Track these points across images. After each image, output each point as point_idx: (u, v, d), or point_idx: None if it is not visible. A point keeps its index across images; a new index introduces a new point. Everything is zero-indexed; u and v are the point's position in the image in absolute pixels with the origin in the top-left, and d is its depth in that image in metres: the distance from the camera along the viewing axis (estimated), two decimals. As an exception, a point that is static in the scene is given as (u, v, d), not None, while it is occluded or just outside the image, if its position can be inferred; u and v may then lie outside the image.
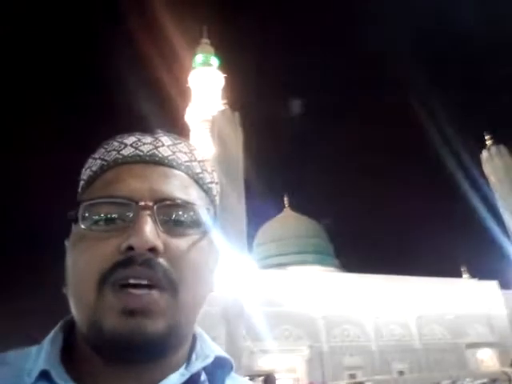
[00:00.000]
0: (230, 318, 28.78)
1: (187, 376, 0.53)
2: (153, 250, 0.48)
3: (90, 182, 0.56)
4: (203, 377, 0.55)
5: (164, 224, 0.51)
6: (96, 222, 0.51)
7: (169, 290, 0.49)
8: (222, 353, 0.58)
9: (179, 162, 0.56)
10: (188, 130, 48.27)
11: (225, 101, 45.08)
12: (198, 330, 0.60)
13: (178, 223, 0.52)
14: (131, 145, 0.56)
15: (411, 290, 41.26)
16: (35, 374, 0.49)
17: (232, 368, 0.59)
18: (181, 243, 0.51)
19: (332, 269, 47.65)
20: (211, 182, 0.60)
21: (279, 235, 49.33)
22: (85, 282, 0.49)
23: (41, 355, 0.51)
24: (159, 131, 0.59)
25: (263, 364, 31.47)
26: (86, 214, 0.51)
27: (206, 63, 51.08)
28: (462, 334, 40.07)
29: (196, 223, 0.53)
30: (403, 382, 27.06)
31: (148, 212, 0.50)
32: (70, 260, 0.52)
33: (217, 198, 0.61)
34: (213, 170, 0.62)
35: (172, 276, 0.49)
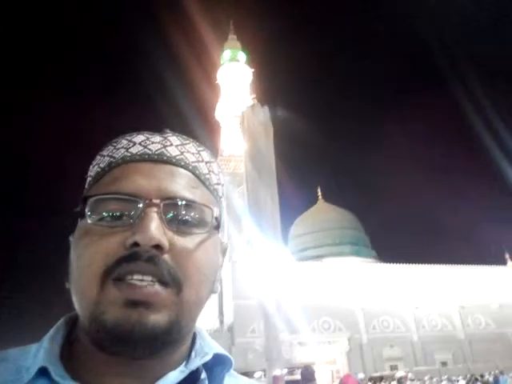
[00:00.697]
0: (268, 310, 28.96)
1: (186, 373, 0.53)
2: (158, 247, 0.48)
3: (98, 179, 0.56)
4: (203, 374, 0.55)
5: (170, 222, 0.51)
6: (102, 218, 0.51)
7: (172, 286, 0.49)
8: (221, 350, 0.58)
9: (187, 161, 0.57)
10: (219, 127, 48.70)
11: (253, 95, 45.16)
12: (198, 328, 0.60)
13: (183, 222, 0.52)
14: (140, 143, 0.56)
15: (453, 280, 40.20)
16: (34, 370, 0.49)
17: (231, 365, 0.58)
18: (186, 242, 0.51)
19: (369, 260, 47.07)
20: (217, 184, 0.60)
21: (314, 227, 49.14)
22: (88, 276, 0.49)
23: (40, 352, 0.51)
24: (168, 131, 0.60)
25: (302, 356, 31.57)
26: (93, 209, 0.51)
27: (234, 59, 51.21)
28: (509, 323, 38.71)
29: (202, 223, 0.53)
30: (446, 372, 26.51)
31: (154, 209, 0.50)
32: (75, 254, 0.52)
33: (222, 200, 0.61)
34: (219, 172, 0.62)
35: (176, 274, 0.49)
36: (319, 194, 54.98)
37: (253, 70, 50.95)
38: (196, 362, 0.54)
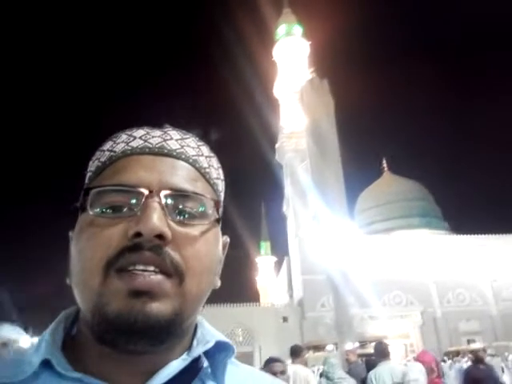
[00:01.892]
0: (337, 285, 29.05)
1: (188, 361, 0.53)
2: (160, 237, 0.48)
3: (98, 173, 0.56)
4: (205, 362, 0.55)
5: (172, 213, 0.51)
6: (104, 210, 0.51)
7: (175, 276, 0.49)
8: (222, 338, 0.58)
9: (187, 155, 0.57)
10: (278, 105, 48.47)
11: (312, 69, 44.27)
12: (199, 317, 0.60)
13: (185, 213, 0.52)
14: (140, 137, 0.57)
15: (535, 249, 37.69)
16: (36, 363, 0.49)
17: (233, 352, 0.58)
18: (188, 232, 0.51)
19: (441, 232, 45.22)
20: (217, 178, 0.61)
21: (381, 200, 47.92)
22: (91, 268, 0.49)
23: (42, 345, 0.51)
24: (167, 125, 0.60)
25: (374, 330, 31.41)
26: (95, 202, 0.51)
27: (290, 33, 50.29)
28: None
29: (203, 214, 0.53)
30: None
31: (156, 200, 0.50)
32: (76, 247, 0.52)
33: (222, 195, 0.62)
34: (219, 167, 0.62)
35: (179, 264, 0.49)
36: (385, 165, 53.39)
37: (310, 42, 49.83)
38: (198, 350, 0.54)
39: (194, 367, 0.53)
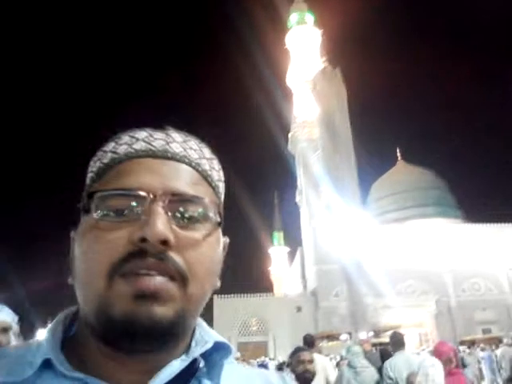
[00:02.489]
0: (351, 274, 29.09)
1: (187, 362, 0.53)
2: (164, 242, 0.49)
3: (101, 175, 0.56)
4: (202, 362, 0.56)
5: (175, 217, 0.51)
6: (108, 213, 0.51)
7: (178, 280, 0.50)
8: (220, 338, 0.58)
9: (190, 158, 0.57)
10: (291, 94, 48.21)
11: (324, 58, 43.83)
12: (198, 319, 0.60)
13: (188, 217, 0.52)
14: (143, 140, 0.57)
15: (552, 238, 37.13)
16: (37, 363, 0.50)
17: (231, 352, 0.59)
18: (191, 237, 0.52)
19: (456, 220, 44.76)
20: (219, 180, 0.61)
21: (395, 189, 47.58)
22: (95, 271, 0.49)
23: (42, 346, 0.52)
24: (169, 128, 0.60)
25: (388, 320, 31.41)
26: (98, 205, 0.52)
27: (301, 21, 49.80)
28: None
29: (205, 218, 0.54)
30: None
31: (160, 204, 0.50)
32: (80, 250, 0.53)
33: (222, 196, 0.62)
34: (220, 169, 0.62)
35: (182, 269, 0.50)
36: (398, 154, 52.91)
37: (321, 31, 49.29)
38: (197, 351, 0.55)
39: (191, 367, 0.54)
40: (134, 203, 0.51)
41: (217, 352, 0.57)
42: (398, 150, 53.33)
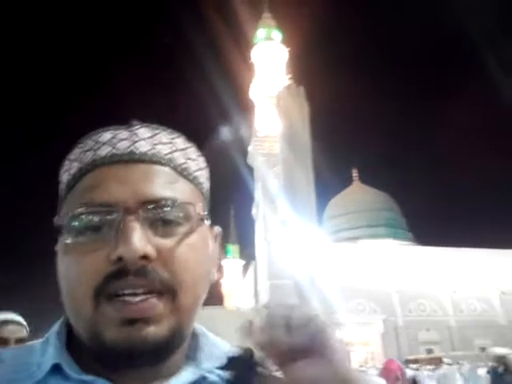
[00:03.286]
0: (303, 290, 29.19)
1: (198, 375, 0.52)
2: (145, 257, 0.46)
3: (70, 188, 0.52)
4: (215, 375, 0.54)
5: (152, 226, 0.48)
6: (80, 234, 0.48)
7: (167, 294, 0.47)
8: (234, 353, 0.55)
9: (160, 155, 0.52)
10: (253, 107, 48.47)
11: (289, 75, 44.54)
12: (198, 327, 0.58)
13: (166, 223, 0.49)
14: (106, 143, 0.52)
15: (493, 264, 38.99)
16: (46, 367, 0.48)
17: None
18: (173, 244, 0.49)
19: (405, 242, 46.27)
20: (197, 170, 0.56)
21: (349, 208, 48.61)
22: (79, 297, 0.47)
23: (48, 349, 0.50)
24: (135, 122, 0.55)
25: (338, 336, 31.66)
26: (70, 227, 0.49)
27: (268, 38, 50.38)
28: (553, 309, 37.35)
29: (185, 219, 0.50)
30: (486, 358, 25.95)
31: (133, 218, 0.47)
32: (62, 271, 0.50)
33: (205, 185, 0.58)
34: (198, 156, 0.57)
35: (168, 281, 0.47)
36: (355, 174, 54.24)
37: (288, 49, 50.13)
38: (207, 365, 0.53)
39: (203, 380, 0.53)
40: (106, 219, 0.48)
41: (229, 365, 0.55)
42: (354, 171, 54.67)
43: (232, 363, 0.54)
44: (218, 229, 0.59)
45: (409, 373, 15.46)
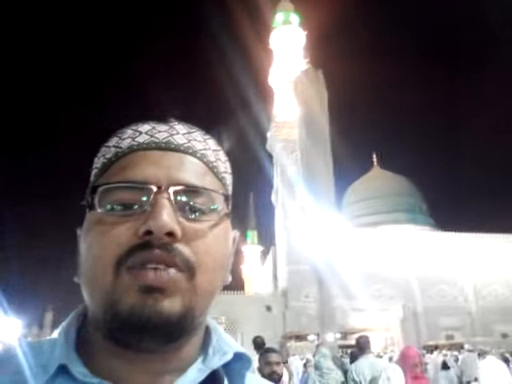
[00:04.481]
0: (322, 276, 29.26)
1: (207, 372, 0.52)
2: (170, 234, 0.48)
3: (105, 170, 0.55)
4: (223, 374, 0.54)
5: (181, 209, 0.50)
6: (112, 207, 0.50)
7: (186, 273, 0.49)
8: (240, 348, 0.56)
9: (194, 149, 0.56)
10: (272, 93, 48.16)
11: (307, 59, 44.00)
12: (213, 323, 0.59)
13: (194, 209, 0.51)
14: (146, 132, 0.56)
15: (517, 250, 38.32)
16: (53, 368, 0.48)
17: (250, 364, 0.57)
18: (198, 229, 0.51)
19: (426, 228, 45.75)
20: (225, 172, 0.59)
21: (369, 194, 48.24)
22: (101, 266, 0.48)
23: (56, 349, 0.50)
24: (173, 120, 0.58)
25: (356, 322, 31.80)
26: (102, 199, 0.51)
27: (287, 21, 49.79)
28: None
29: (212, 210, 0.53)
30: (507, 345, 25.70)
31: (165, 196, 0.49)
32: (85, 245, 0.52)
33: (230, 188, 0.60)
34: (226, 160, 0.61)
35: (190, 260, 0.49)
36: (374, 159, 53.66)
37: (306, 32, 49.43)
38: (215, 361, 0.53)
39: (211, 378, 0.52)
40: (138, 196, 0.50)
41: (236, 362, 0.55)
42: (374, 156, 54.07)
43: (235, 358, 0.55)
44: (236, 233, 0.60)
45: (437, 357, 15.49)
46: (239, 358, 0.56)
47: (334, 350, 19.58)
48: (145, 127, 0.57)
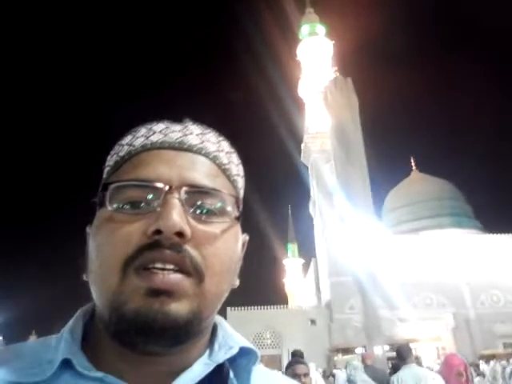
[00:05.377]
0: (365, 287, 28.58)
1: (212, 366, 0.52)
2: (180, 234, 0.47)
3: (117, 167, 0.55)
4: (228, 368, 0.54)
5: (191, 210, 0.50)
6: (123, 205, 0.50)
7: (194, 276, 0.48)
8: (246, 343, 0.56)
9: (207, 150, 0.56)
10: (303, 104, 48.22)
11: (335, 68, 43.83)
12: (219, 319, 0.58)
13: (205, 210, 0.51)
14: (160, 132, 0.56)
15: None
16: (56, 363, 0.48)
17: (257, 358, 0.56)
18: (208, 231, 0.50)
19: (472, 231, 43.84)
20: (237, 175, 0.59)
21: (410, 199, 46.92)
22: (109, 265, 0.48)
23: (61, 344, 0.50)
24: (187, 120, 0.59)
25: (404, 333, 30.71)
26: (113, 197, 0.50)
27: (313, 33, 50.00)
28: None
29: (223, 211, 0.52)
30: None
31: (176, 196, 0.49)
32: (94, 244, 0.51)
33: (242, 192, 0.60)
34: (239, 163, 0.60)
35: (198, 262, 0.48)
36: (413, 164, 52.29)
37: (333, 41, 49.39)
38: (221, 355, 0.53)
39: (217, 373, 0.52)
40: (149, 195, 0.50)
41: (243, 357, 0.55)
42: (412, 160, 52.75)
43: (241, 353, 0.54)
44: (246, 236, 0.60)
45: (494, 366, 14.65)
46: (246, 352, 0.55)
47: (382, 362, 18.97)
48: (159, 126, 0.57)
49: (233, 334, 0.57)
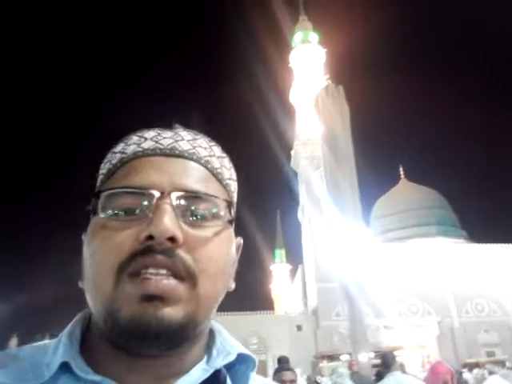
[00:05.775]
0: (352, 293, 28.67)
1: (210, 372, 0.52)
2: (172, 239, 0.48)
3: (109, 175, 0.56)
4: (226, 374, 0.54)
5: (183, 215, 0.50)
6: (115, 213, 0.51)
7: (188, 280, 0.48)
8: (243, 350, 0.56)
9: (199, 156, 0.56)
10: (294, 111, 48.43)
11: (327, 76, 44.13)
12: (217, 325, 0.59)
13: (197, 215, 0.51)
14: (151, 139, 0.56)
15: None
16: (55, 366, 0.49)
17: (254, 365, 0.56)
18: (201, 235, 0.50)
19: (458, 240, 44.33)
20: (229, 179, 0.60)
21: (397, 208, 47.29)
22: (102, 272, 0.48)
23: (59, 348, 0.51)
24: (178, 126, 0.59)
25: (390, 340, 30.87)
26: (106, 204, 0.51)
27: (306, 40, 50.29)
28: None
29: (215, 216, 0.53)
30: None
31: (168, 201, 0.49)
32: (88, 251, 0.52)
33: (234, 195, 0.61)
34: (231, 167, 0.61)
35: (191, 266, 0.49)
36: (401, 172, 52.76)
37: (325, 49, 49.75)
38: (219, 361, 0.53)
39: (215, 379, 0.52)
40: (141, 201, 0.50)
41: (240, 364, 0.55)
42: (400, 168, 53.23)
43: (239, 359, 0.55)
44: (240, 240, 0.61)
45: (477, 374, 14.78)
46: (244, 359, 0.55)
47: (367, 370, 19.02)
48: (150, 133, 0.57)
49: (231, 340, 0.57)
